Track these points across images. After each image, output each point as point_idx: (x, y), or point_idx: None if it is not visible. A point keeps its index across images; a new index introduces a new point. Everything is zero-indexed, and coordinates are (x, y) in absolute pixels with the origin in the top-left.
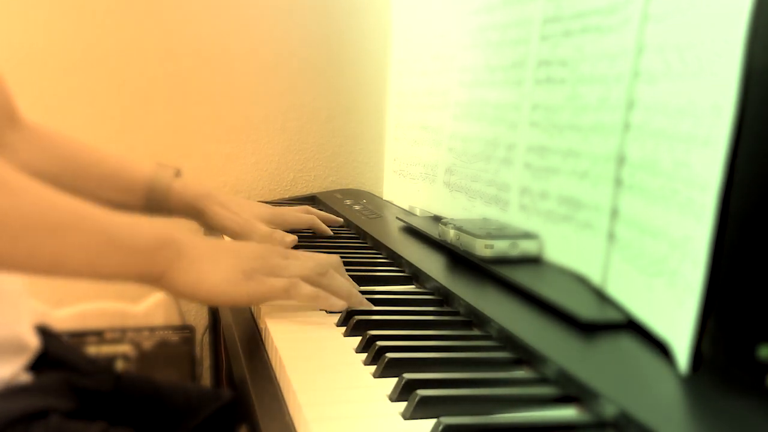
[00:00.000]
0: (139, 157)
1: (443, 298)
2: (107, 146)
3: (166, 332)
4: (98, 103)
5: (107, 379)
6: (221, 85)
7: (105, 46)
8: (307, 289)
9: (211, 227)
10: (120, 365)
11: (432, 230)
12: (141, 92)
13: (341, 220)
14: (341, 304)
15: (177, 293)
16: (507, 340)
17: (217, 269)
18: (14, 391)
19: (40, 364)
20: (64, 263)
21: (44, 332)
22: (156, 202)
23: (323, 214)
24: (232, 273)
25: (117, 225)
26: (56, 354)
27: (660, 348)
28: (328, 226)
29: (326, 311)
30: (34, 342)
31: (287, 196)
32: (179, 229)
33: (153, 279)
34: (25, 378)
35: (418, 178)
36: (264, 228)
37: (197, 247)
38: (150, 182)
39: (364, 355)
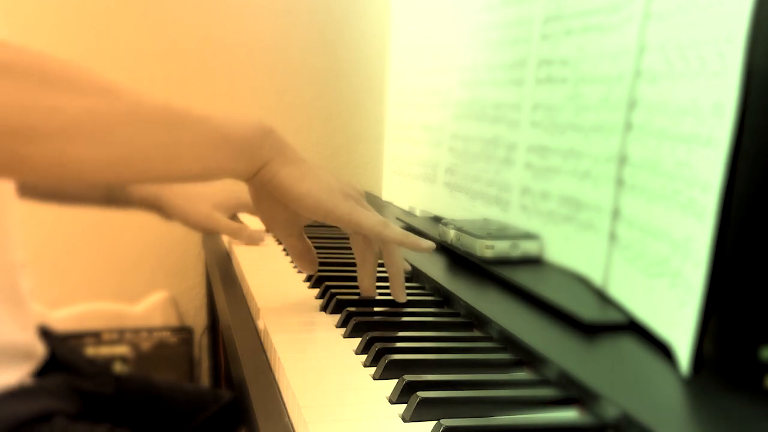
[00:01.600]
0: None
1: (443, 299)
2: None
3: (164, 333)
4: None
5: (108, 381)
6: (220, 85)
7: (103, 44)
8: (398, 228)
9: (173, 220)
10: (118, 367)
11: (432, 231)
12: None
13: None
14: (429, 244)
15: (275, 184)
16: (508, 342)
17: (317, 176)
18: (19, 393)
19: (44, 366)
20: (178, 160)
21: (47, 334)
22: (115, 194)
23: None
24: (331, 184)
25: (220, 119)
26: (59, 356)
27: (662, 349)
28: None
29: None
30: (40, 349)
31: None
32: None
33: (256, 170)
34: (29, 382)
35: (418, 179)
36: (230, 223)
37: (296, 151)
38: None
39: (364, 357)
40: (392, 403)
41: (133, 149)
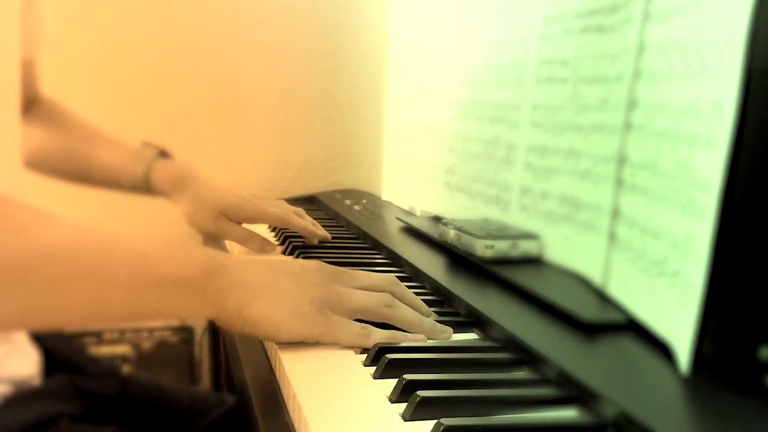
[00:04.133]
0: None
1: (443, 298)
2: None
3: (165, 333)
4: (96, 102)
5: (113, 382)
6: (221, 85)
7: (103, 44)
8: (380, 334)
9: (202, 203)
10: (120, 366)
11: (432, 230)
12: (140, 91)
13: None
14: (421, 338)
15: (248, 331)
16: (507, 341)
17: (282, 299)
18: (24, 397)
19: (48, 365)
20: (103, 308)
21: (51, 334)
22: (140, 182)
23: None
24: (299, 305)
25: (155, 253)
26: (64, 355)
27: (661, 349)
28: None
29: None
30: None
31: (287, 197)
32: (225, 253)
33: (208, 313)
34: (35, 384)
35: (419, 178)
36: (278, 210)
37: (252, 270)
38: (133, 161)
39: (364, 356)
40: (392, 402)
41: (49, 296)
